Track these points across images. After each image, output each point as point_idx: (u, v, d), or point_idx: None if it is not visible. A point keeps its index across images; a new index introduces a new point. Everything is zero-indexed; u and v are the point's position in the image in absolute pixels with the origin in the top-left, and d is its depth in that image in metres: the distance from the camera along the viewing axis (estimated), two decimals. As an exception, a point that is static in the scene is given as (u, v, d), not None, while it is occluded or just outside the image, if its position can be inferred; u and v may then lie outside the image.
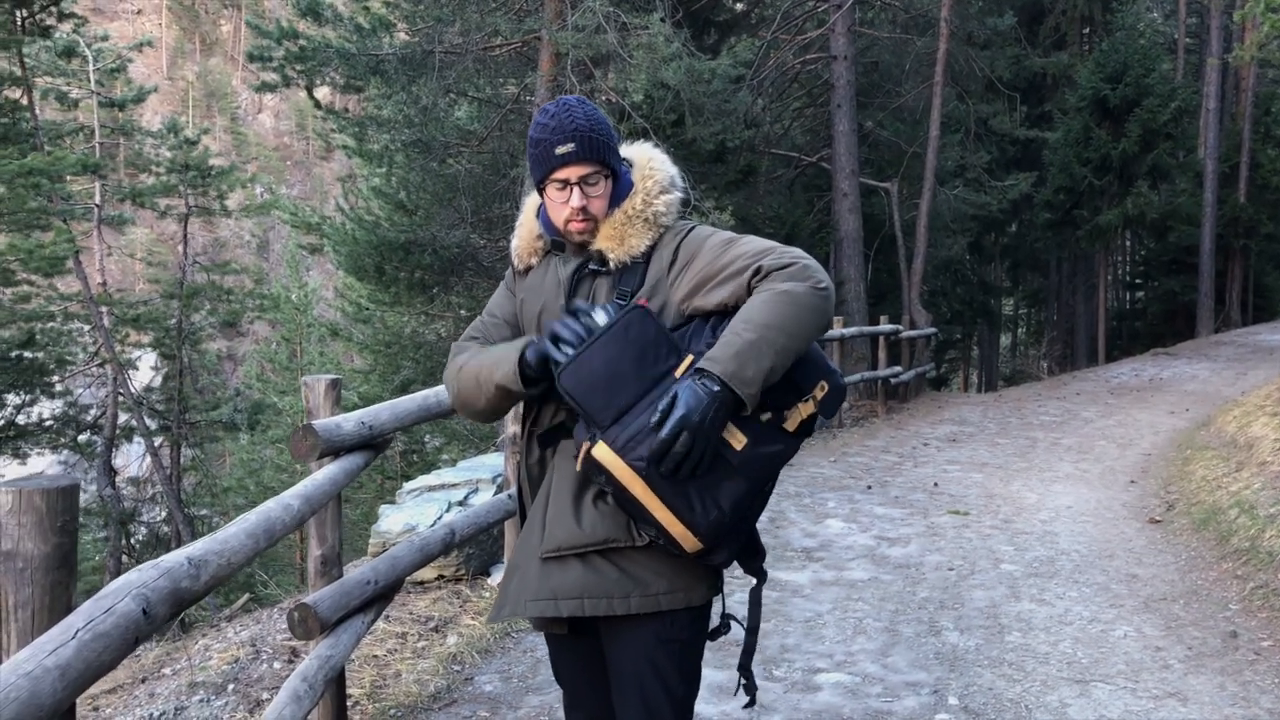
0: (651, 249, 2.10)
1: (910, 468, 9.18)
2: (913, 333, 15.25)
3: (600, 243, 2.11)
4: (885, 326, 13.83)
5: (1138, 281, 31.78)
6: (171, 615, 1.95)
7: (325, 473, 3.09)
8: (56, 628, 1.61)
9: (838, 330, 12.19)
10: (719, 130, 10.87)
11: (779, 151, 17.36)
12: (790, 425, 1.98)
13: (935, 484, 8.34)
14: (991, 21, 18.48)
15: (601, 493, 1.99)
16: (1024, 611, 5.06)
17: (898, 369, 13.93)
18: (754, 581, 2.15)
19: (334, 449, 3.24)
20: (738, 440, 1.90)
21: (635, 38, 8.74)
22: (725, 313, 1.98)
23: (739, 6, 16.34)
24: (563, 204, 2.09)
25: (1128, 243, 31.44)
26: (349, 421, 3.34)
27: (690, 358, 1.92)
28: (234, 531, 2.32)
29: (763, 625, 4.87)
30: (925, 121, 16.71)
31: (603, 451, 1.87)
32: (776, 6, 16.50)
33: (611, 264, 2.10)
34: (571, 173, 2.06)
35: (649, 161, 2.17)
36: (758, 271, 1.94)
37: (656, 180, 2.13)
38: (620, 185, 2.13)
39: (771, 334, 1.86)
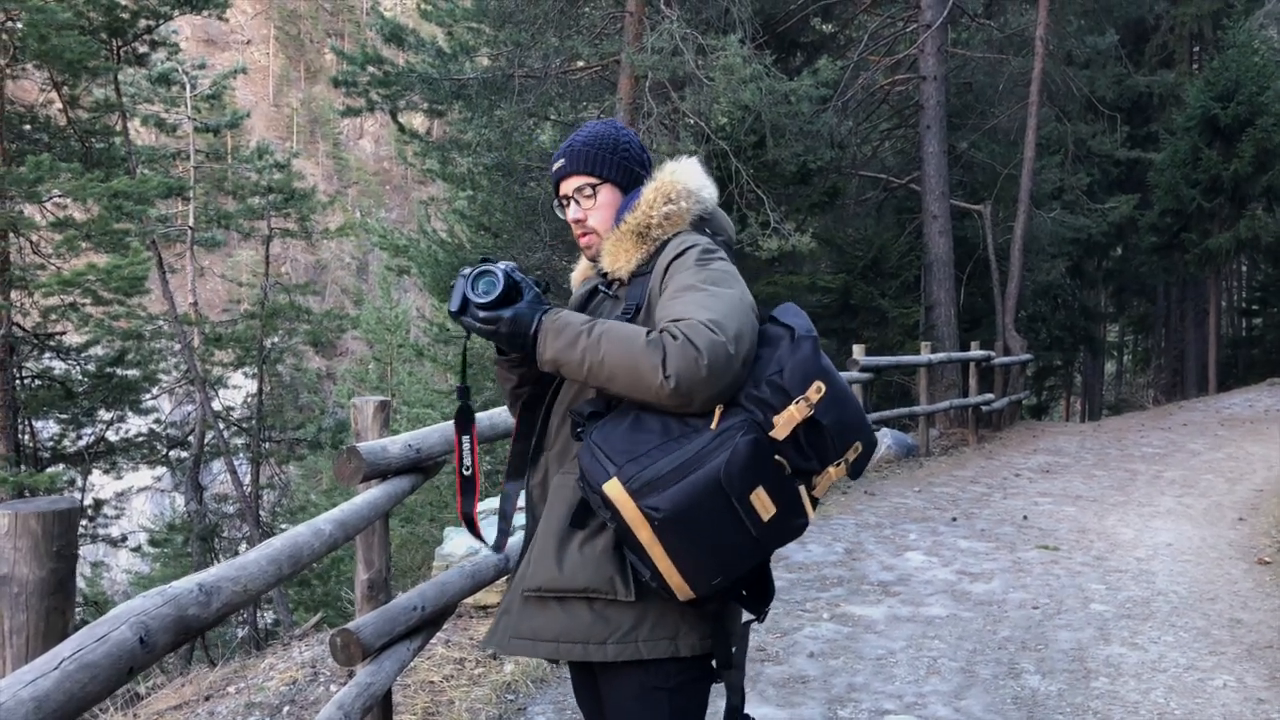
0: (653, 261, 2.00)
1: (999, 499, 8.82)
2: (1006, 359, 14.76)
3: (603, 261, 2.06)
4: (976, 353, 13.41)
5: (1253, 308, 30.36)
6: (177, 644, 1.89)
7: (364, 497, 3.03)
8: (42, 658, 1.56)
9: (925, 355, 11.86)
10: (801, 152, 10.71)
11: (867, 173, 17.07)
12: (819, 491, 1.85)
13: (1025, 517, 7.99)
14: (1091, 40, 17.92)
15: (589, 539, 1.89)
16: (1113, 656, 4.75)
17: (989, 396, 13.48)
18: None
19: (379, 472, 3.19)
20: (766, 510, 1.76)
21: (714, 59, 8.65)
22: None
23: (826, 28, 16.15)
24: (568, 220, 2.12)
25: (1243, 267, 30.12)
26: (395, 444, 3.29)
27: (720, 408, 1.78)
28: (255, 557, 2.25)
29: (832, 662, 4.70)
30: (1020, 143, 16.24)
31: (615, 490, 1.75)
32: (865, 27, 16.26)
33: (614, 282, 2.05)
34: (566, 186, 2.10)
35: (666, 173, 2.07)
36: (679, 320, 1.81)
37: (663, 191, 2.03)
38: (630, 199, 2.07)
39: (602, 350, 1.80)
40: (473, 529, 2.16)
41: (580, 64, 10.18)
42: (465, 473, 2.11)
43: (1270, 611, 5.50)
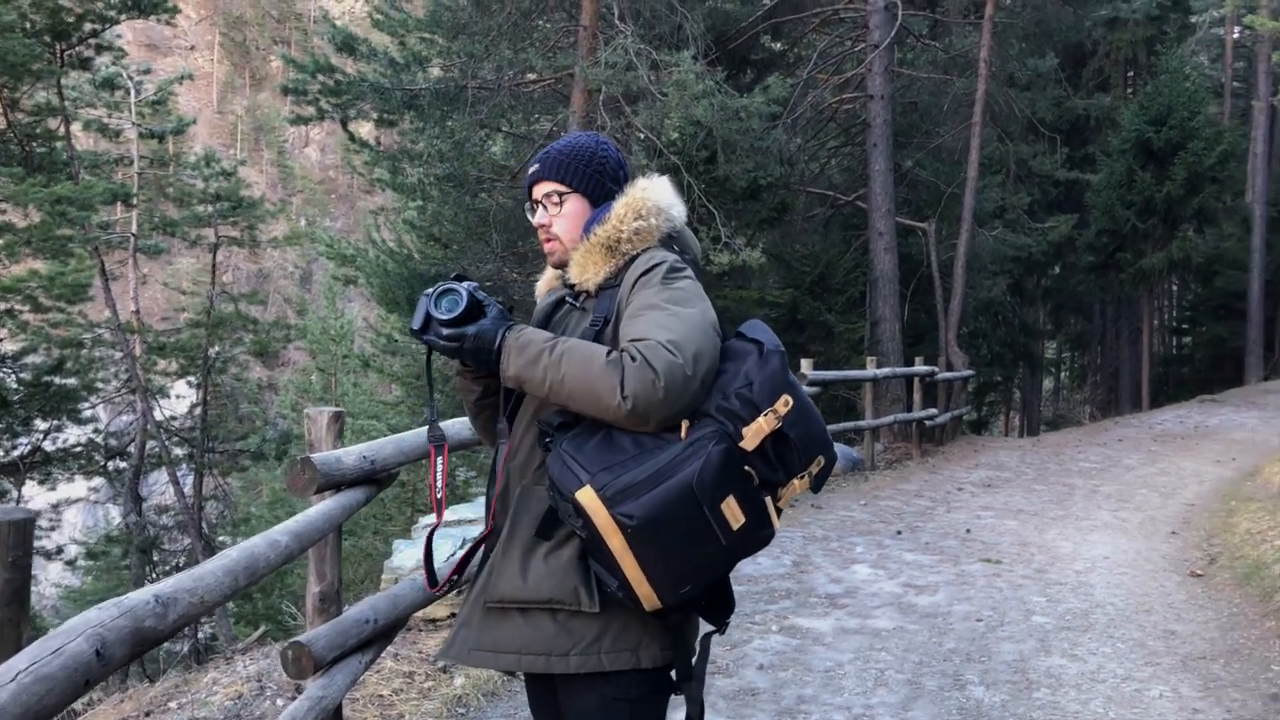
0: (621, 275, 2.03)
1: (943, 513, 8.96)
2: (949, 375, 15.00)
3: (571, 272, 2.08)
4: (920, 368, 13.61)
5: (1184, 326, 31.28)
6: (133, 656, 1.87)
7: (319, 508, 3.01)
8: (-3, 669, 1.53)
9: (871, 370, 12.02)
10: (752, 168, 10.82)
11: (815, 190, 17.28)
12: (783, 502, 1.90)
13: (968, 530, 8.12)
14: (1032, 63, 18.34)
15: (554, 550, 1.91)
16: (1054, 667, 4.86)
17: (933, 411, 13.70)
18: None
19: (333, 483, 3.16)
20: (736, 519, 1.80)
21: (667, 75, 8.73)
22: None
23: (777, 46, 16.34)
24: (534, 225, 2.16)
25: (1174, 287, 31.02)
26: (350, 455, 3.27)
27: (685, 424, 1.82)
28: (211, 568, 2.23)
29: (781, 674, 4.74)
30: (964, 162, 16.56)
31: (588, 497, 1.77)
32: (814, 45, 16.49)
33: (581, 294, 2.07)
34: (537, 191, 2.13)
35: (638, 189, 2.09)
36: (639, 341, 1.85)
37: (634, 207, 2.05)
38: (600, 212, 2.10)
39: (563, 369, 1.84)
40: (428, 559, 2.17)
41: (532, 76, 10.18)
42: (439, 494, 2.12)
43: (1202, 623, 5.66)
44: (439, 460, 2.11)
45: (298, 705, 2.98)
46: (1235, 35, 29.39)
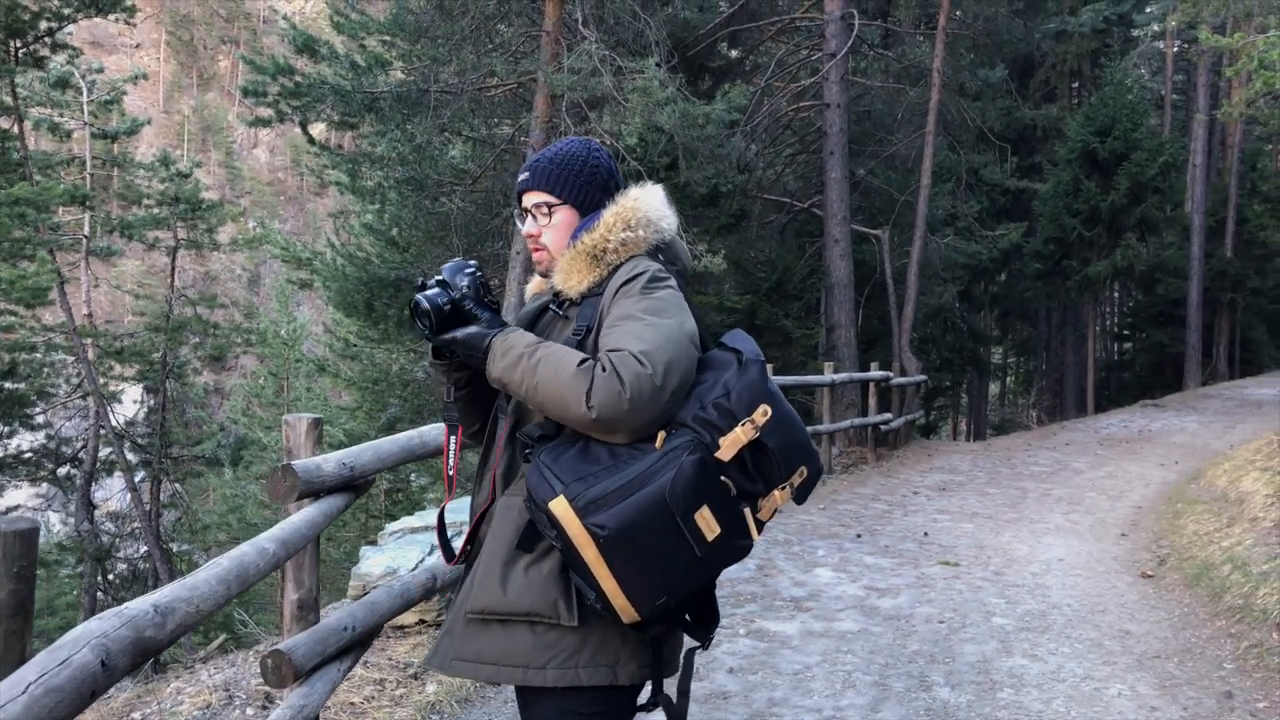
0: (605, 284, 2.02)
1: (900, 516, 9.09)
2: (903, 379, 15.21)
3: (555, 278, 2.08)
4: (876, 373, 13.78)
5: (1126, 333, 32.00)
6: (134, 666, 1.86)
7: (303, 515, 3.00)
8: (7, 681, 1.52)
9: (828, 375, 12.15)
10: (712, 174, 10.90)
11: (772, 197, 17.44)
12: (764, 514, 1.88)
13: (925, 533, 8.25)
14: (983, 73, 18.69)
15: (535, 562, 1.90)
16: (1016, 667, 4.96)
17: (888, 415, 13.87)
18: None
19: (314, 490, 3.15)
20: (711, 530, 1.78)
21: (630, 81, 8.77)
22: None
23: (734, 53, 16.48)
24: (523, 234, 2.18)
25: (1116, 294, 31.74)
26: (329, 462, 3.25)
27: (662, 434, 1.82)
28: (204, 577, 2.22)
29: (751, 677, 4.79)
30: (917, 170, 16.82)
31: (561, 508, 1.76)
32: (771, 54, 16.65)
33: (565, 301, 2.07)
34: (526, 200, 2.13)
35: (629, 199, 2.09)
36: (612, 351, 1.86)
37: (623, 217, 2.05)
38: (589, 220, 2.09)
39: (537, 375, 1.85)
40: (441, 533, 2.20)
41: (496, 81, 10.17)
42: (450, 472, 2.14)
43: (1155, 623, 5.82)
44: (452, 439, 2.14)
45: (280, 714, 2.96)
46: (1175, 49, 30.18)
